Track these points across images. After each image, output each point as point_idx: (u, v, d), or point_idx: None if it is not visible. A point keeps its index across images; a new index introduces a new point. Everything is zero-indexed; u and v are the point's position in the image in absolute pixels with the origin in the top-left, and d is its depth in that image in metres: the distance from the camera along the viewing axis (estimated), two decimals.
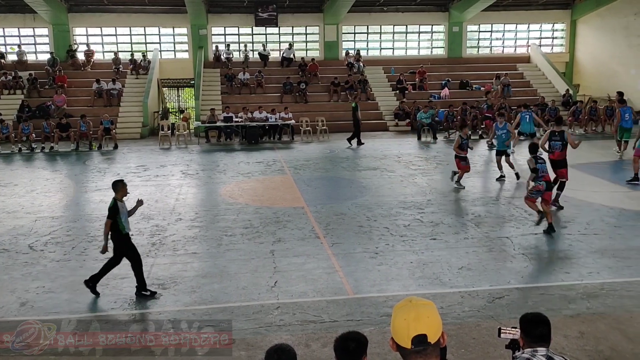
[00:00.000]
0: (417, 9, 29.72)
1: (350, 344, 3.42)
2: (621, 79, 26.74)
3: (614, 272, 9.01)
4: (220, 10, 28.73)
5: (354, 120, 21.86)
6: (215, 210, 13.05)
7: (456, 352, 6.51)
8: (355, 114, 21.89)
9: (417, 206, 12.89)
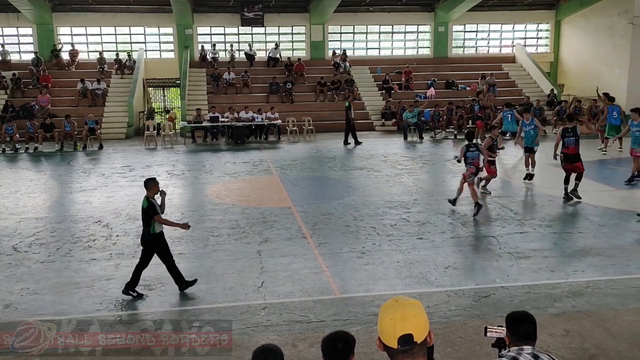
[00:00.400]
0: (403, 9, 29.79)
1: (338, 343, 3.41)
2: (605, 79, 26.96)
3: (598, 271, 9.08)
4: (206, 10, 28.63)
5: (347, 120, 21.92)
6: (201, 210, 13.00)
7: (443, 351, 6.53)
8: (347, 114, 21.95)
9: (403, 206, 12.92)
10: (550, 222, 11.56)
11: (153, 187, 8.31)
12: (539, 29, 31.68)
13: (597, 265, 9.31)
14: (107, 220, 12.17)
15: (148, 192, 8.29)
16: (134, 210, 12.93)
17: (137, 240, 10.76)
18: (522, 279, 8.76)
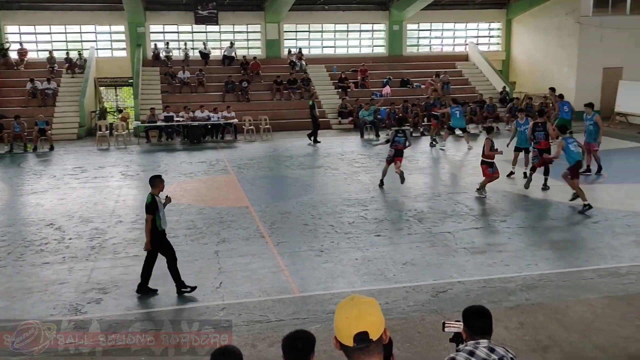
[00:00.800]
0: (358, 7, 29.93)
1: (299, 343, 3.41)
2: (555, 76, 27.62)
3: (550, 264, 9.32)
4: (158, 8, 28.21)
5: (312, 118, 21.94)
6: None
7: (402, 347, 6.59)
8: (312, 112, 21.98)
9: (361, 203, 12.99)
10: (505, 217, 11.79)
11: (159, 185, 8.31)
12: (491, 27, 32.26)
13: (549, 258, 9.55)
14: (60, 223, 11.89)
15: (153, 190, 8.27)
16: (87, 212, 12.68)
17: (90, 243, 10.56)
18: (477, 274, 8.92)
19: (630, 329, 7.06)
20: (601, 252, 9.85)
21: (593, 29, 25.63)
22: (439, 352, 6.34)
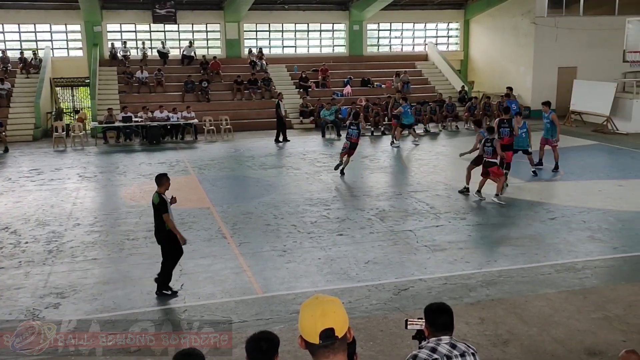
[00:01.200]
0: (318, 7, 29.95)
1: (263, 344, 3.39)
2: (512, 76, 28.11)
3: (509, 260, 9.48)
4: (115, 7, 27.73)
5: (277, 118, 21.92)
6: (115, 213, 12.60)
7: (365, 345, 6.62)
8: (277, 111, 21.95)
9: (323, 203, 13.01)
10: (465, 215, 11.95)
11: (165, 183, 8.24)
12: (450, 28, 32.65)
13: (508, 255, 9.72)
14: (15, 227, 11.60)
15: (159, 188, 8.19)
16: (44, 215, 12.39)
17: (47, 247, 10.33)
18: (439, 271, 9.02)
19: (587, 322, 7.24)
20: (558, 247, 10.07)
21: (548, 29, 26.19)
22: (402, 350, 6.38)
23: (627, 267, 9.25)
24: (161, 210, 8.08)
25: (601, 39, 26.04)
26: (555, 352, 6.58)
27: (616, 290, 8.24)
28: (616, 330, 7.02)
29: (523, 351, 6.62)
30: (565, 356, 6.51)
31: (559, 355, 6.52)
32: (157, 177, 8.34)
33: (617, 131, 22.15)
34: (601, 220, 11.55)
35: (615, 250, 9.90)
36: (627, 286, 8.38)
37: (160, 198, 8.11)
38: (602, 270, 9.15)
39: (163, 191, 8.21)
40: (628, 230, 10.95)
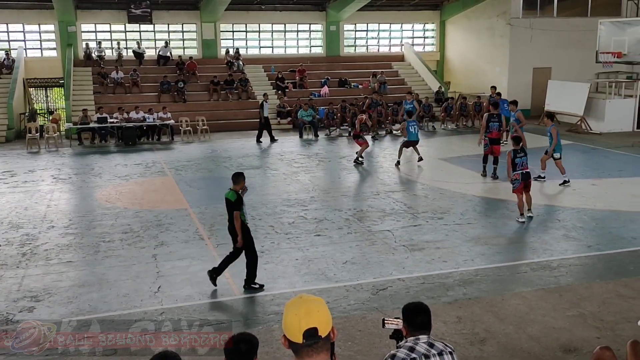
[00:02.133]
0: (295, 8, 29.93)
1: (242, 346, 3.38)
2: (488, 76, 28.36)
3: (486, 259, 9.57)
4: (89, 6, 27.41)
5: (260, 118, 22.02)
6: (91, 215, 12.45)
7: (343, 345, 6.63)
8: (260, 112, 22.01)
9: (300, 203, 13.00)
10: (442, 215, 12.02)
11: (242, 181, 8.48)
12: (426, 28, 32.84)
13: (485, 253, 9.80)
14: None
15: (235, 186, 8.40)
16: (17, 217, 12.21)
17: (21, 250, 10.17)
18: (417, 271, 9.06)
19: (562, 320, 7.32)
20: (534, 246, 10.19)
21: (523, 30, 26.48)
22: (380, 350, 6.40)
23: (601, 265, 9.39)
24: (235, 207, 8.23)
25: (575, 40, 26.41)
26: (531, 350, 6.65)
27: (590, 288, 8.35)
28: (591, 327, 7.12)
29: (499, 349, 6.68)
30: (541, 353, 6.58)
31: (535, 353, 6.59)
32: (235, 175, 8.57)
33: (591, 131, 22.46)
34: (576, 219, 11.70)
35: (589, 249, 10.04)
36: (601, 284, 8.50)
37: (237, 195, 8.30)
38: (577, 268, 9.27)
39: (238, 189, 8.40)
40: (602, 229, 11.11)
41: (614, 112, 22.73)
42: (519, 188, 11.35)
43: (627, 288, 8.26)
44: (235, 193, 8.32)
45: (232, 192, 8.33)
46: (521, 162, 11.32)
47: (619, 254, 9.77)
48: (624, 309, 7.56)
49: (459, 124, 24.85)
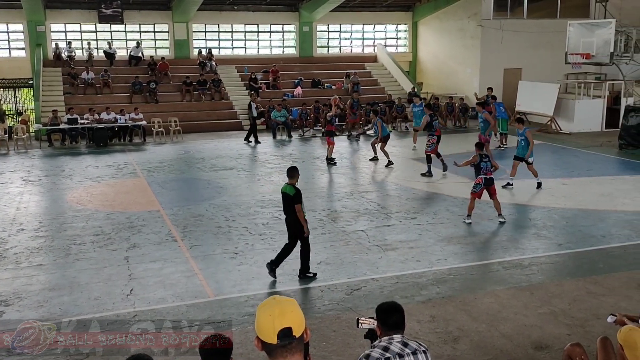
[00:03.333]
0: (267, 8, 29.86)
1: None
2: (459, 77, 28.67)
3: (459, 258, 9.65)
4: (59, 6, 27.01)
5: (249, 119, 22.07)
6: (61, 218, 12.27)
7: (318, 345, 6.63)
8: (249, 112, 22.00)
9: (275, 204, 12.95)
10: (415, 215, 12.10)
11: (297, 175, 8.65)
12: (398, 29, 33.02)
13: (458, 253, 9.89)
14: None
15: (291, 180, 8.58)
16: None
17: None
18: (390, 270, 9.11)
19: (533, 318, 7.42)
20: (505, 245, 10.31)
21: (494, 32, 26.78)
22: (355, 349, 6.42)
23: (572, 263, 9.54)
24: (296, 200, 8.41)
25: (544, 41, 26.80)
26: (503, 348, 6.73)
27: (561, 285, 8.48)
28: (561, 324, 7.23)
29: (472, 347, 6.75)
30: (513, 351, 6.66)
31: (507, 350, 6.67)
32: (290, 169, 8.77)
33: (561, 131, 22.81)
34: (546, 217, 11.87)
35: (560, 247, 10.20)
36: (571, 281, 8.64)
37: (296, 189, 8.49)
38: (548, 266, 9.40)
39: (294, 183, 8.56)
40: (572, 227, 11.29)
41: (583, 113, 23.12)
42: (478, 192, 11.41)
43: (597, 285, 8.40)
44: (294, 187, 8.51)
45: (290, 186, 8.54)
46: (485, 167, 11.37)
47: (588, 252, 9.93)
48: (593, 306, 7.69)
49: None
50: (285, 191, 8.58)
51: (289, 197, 8.48)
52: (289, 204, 8.51)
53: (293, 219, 8.56)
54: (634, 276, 8.68)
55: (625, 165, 17.32)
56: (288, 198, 8.51)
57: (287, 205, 8.57)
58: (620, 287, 8.34)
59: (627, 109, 19.86)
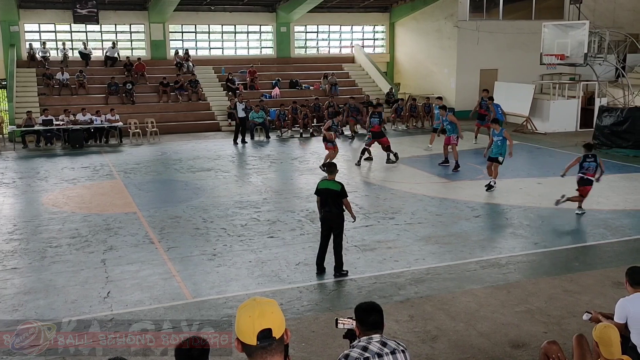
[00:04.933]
0: (244, 9, 29.77)
1: (194, 351, 3.35)
2: (436, 77, 28.87)
3: (437, 258, 9.71)
4: (33, 6, 26.65)
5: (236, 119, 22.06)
6: (36, 220, 12.11)
7: (297, 347, 6.63)
8: (235, 113, 22.00)
9: (253, 205, 12.94)
10: (393, 215, 12.15)
11: (336, 170, 8.91)
12: (376, 30, 33.14)
13: (435, 252, 9.95)
14: None
15: (331, 175, 8.85)
16: None
17: None
18: (369, 271, 9.14)
19: (511, 316, 7.50)
20: (483, 244, 10.40)
21: (470, 33, 27.00)
22: (334, 350, 6.43)
23: (548, 262, 9.66)
24: (343, 195, 8.67)
25: (520, 42, 27.08)
26: (481, 346, 6.79)
27: (537, 284, 8.58)
28: (538, 323, 7.31)
29: (450, 346, 6.79)
30: (491, 349, 6.72)
31: (485, 349, 6.73)
32: (330, 165, 9.10)
33: (536, 131, 23.08)
34: (522, 217, 12.00)
35: (536, 246, 10.32)
36: (547, 279, 8.74)
37: (340, 184, 8.74)
38: (524, 265, 9.51)
39: (334, 178, 8.82)
40: (548, 226, 11.43)
41: (558, 113, 23.41)
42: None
43: (573, 283, 8.51)
44: (338, 182, 8.76)
45: (333, 182, 8.76)
46: (587, 166, 11.80)
47: (564, 251, 10.07)
48: (569, 304, 7.79)
49: (409, 125, 25.19)
50: (329, 187, 8.76)
51: (336, 193, 8.66)
52: (335, 199, 8.68)
53: (338, 213, 8.71)
54: (609, 274, 8.81)
55: None
56: (333, 193, 8.67)
57: (333, 200, 8.69)
58: (595, 284, 8.47)
59: (601, 109, 20.16)
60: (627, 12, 29.28)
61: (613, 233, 10.89)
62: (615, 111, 19.29)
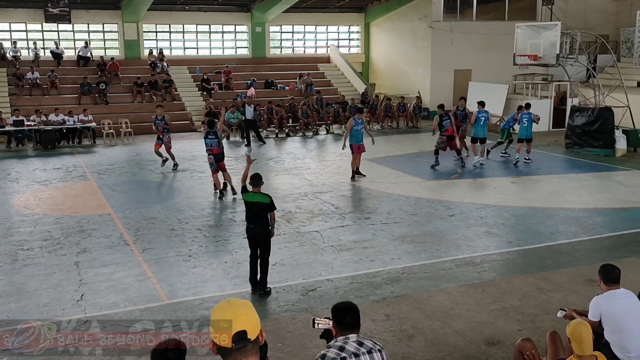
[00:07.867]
0: (219, 8, 29.63)
1: (170, 353, 3.32)
2: (411, 78, 29.04)
3: (412, 257, 9.76)
4: (3, 5, 26.21)
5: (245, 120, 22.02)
6: (7, 223, 11.90)
7: (274, 347, 6.62)
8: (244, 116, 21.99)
9: (228, 206, 12.88)
10: (369, 215, 12.19)
11: (262, 183, 8.29)
12: (351, 30, 33.23)
13: (411, 252, 10.00)
14: None
15: (257, 188, 8.21)
16: None
17: None
18: (345, 271, 9.15)
19: (486, 314, 7.57)
20: (458, 243, 10.48)
21: (444, 33, 27.20)
22: (311, 350, 6.43)
23: (522, 260, 9.77)
24: (272, 208, 8.20)
25: (493, 43, 27.35)
26: (456, 344, 6.84)
27: (512, 282, 8.67)
28: (513, 320, 7.39)
29: (427, 345, 6.84)
30: (466, 347, 6.78)
31: (460, 347, 6.78)
32: (257, 176, 8.34)
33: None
34: (497, 216, 12.13)
35: (510, 244, 10.43)
36: (521, 278, 8.84)
37: (270, 198, 8.18)
38: (499, 263, 9.60)
39: (260, 190, 8.23)
40: (522, 225, 11.57)
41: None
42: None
43: (546, 281, 8.62)
44: (266, 195, 8.22)
45: (263, 195, 8.21)
46: None
47: (538, 249, 10.19)
48: (543, 302, 7.89)
49: (384, 125, 25.30)
50: (259, 200, 8.17)
51: (266, 205, 8.13)
52: (263, 212, 8.15)
53: (263, 230, 8.19)
54: (581, 272, 8.94)
55: (571, 164, 17.85)
56: (262, 206, 8.13)
57: (260, 214, 8.16)
58: (568, 282, 8.59)
59: (573, 109, 20.44)
60: (597, 14, 29.78)
61: (585, 231, 11.06)
62: (587, 111, 19.57)
